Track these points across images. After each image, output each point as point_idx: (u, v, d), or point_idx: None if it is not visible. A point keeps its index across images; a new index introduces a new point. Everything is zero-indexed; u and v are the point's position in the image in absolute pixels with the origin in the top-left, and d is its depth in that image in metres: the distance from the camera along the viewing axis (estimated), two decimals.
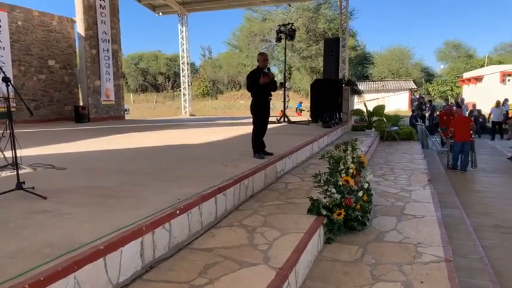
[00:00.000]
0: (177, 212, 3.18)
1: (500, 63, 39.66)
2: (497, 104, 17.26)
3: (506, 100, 20.99)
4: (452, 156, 9.87)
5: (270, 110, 6.28)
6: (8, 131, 4.00)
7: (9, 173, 4.52)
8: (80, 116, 14.80)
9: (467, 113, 17.95)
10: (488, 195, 7.30)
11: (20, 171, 3.85)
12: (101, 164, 5.55)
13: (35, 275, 2.02)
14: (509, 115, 20.04)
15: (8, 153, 4.13)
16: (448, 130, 10.46)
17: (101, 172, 4.88)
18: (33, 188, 3.72)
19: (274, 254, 3.02)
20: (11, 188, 3.61)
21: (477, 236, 4.65)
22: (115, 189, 3.98)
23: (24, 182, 3.69)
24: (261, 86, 5.76)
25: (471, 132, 9.76)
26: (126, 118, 18.52)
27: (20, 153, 4.07)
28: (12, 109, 4.07)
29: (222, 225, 3.74)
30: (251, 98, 5.98)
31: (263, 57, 5.98)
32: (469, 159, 9.58)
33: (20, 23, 13.98)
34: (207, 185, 3.96)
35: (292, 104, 30.16)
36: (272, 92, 6.06)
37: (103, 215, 3.07)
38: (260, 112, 5.98)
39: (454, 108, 14.33)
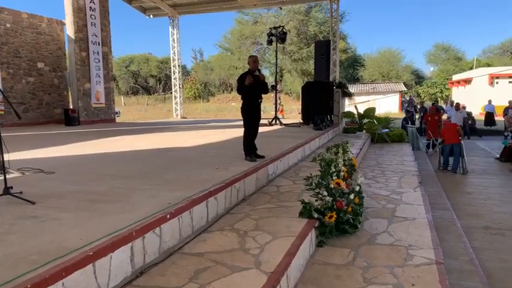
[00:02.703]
0: (168, 216, 3.15)
1: (488, 65, 40.23)
2: (457, 107, 15.92)
3: (489, 101, 21.21)
4: (443, 158, 9.97)
5: (261, 113, 6.28)
6: None
7: None
8: (69, 119, 14.64)
9: (456, 113, 17.91)
10: (478, 196, 7.37)
11: (7, 176, 3.80)
12: (91, 168, 5.50)
13: (22, 282, 1.99)
14: (497, 116, 20.33)
15: None
16: (433, 137, 10.60)
17: (91, 176, 4.83)
18: (21, 192, 3.66)
19: (266, 258, 3.01)
20: None
21: (467, 238, 4.69)
22: (105, 193, 3.94)
23: (11, 187, 3.64)
24: (248, 88, 5.73)
25: (459, 137, 9.84)
26: (117, 121, 18.37)
27: (7, 157, 4.00)
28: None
29: (213, 229, 3.71)
30: (242, 101, 5.97)
31: (252, 59, 6.00)
32: (459, 162, 9.65)
33: (8, 25, 13.82)
34: (198, 189, 3.94)
35: (284, 107, 30.15)
36: (263, 95, 6.06)
37: (92, 220, 3.03)
38: (251, 115, 5.97)
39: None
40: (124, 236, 2.65)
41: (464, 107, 19.43)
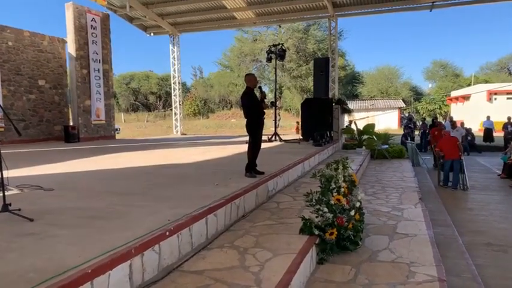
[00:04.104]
0: (167, 233, 3.13)
1: (486, 82, 40.54)
2: (454, 125, 14.89)
3: (488, 117, 21.22)
4: (443, 174, 9.95)
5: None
6: None
7: None
8: (69, 135, 14.67)
9: (453, 131, 17.85)
10: (479, 212, 7.32)
11: (6, 193, 3.78)
12: (90, 185, 5.47)
13: None
14: (496, 132, 20.36)
15: None
16: (435, 150, 10.58)
17: (90, 193, 4.81)
18: (19, 209, 3.64)
19: (266, 276, 2.97)
20: None
21: (470, 255, 4.64)
22: (104, 210, 3.91)
23: (10, 204, 3.62)
24: (258, 105, 5.88)
25: (459, 152, 9.81)
26: (117, 138, 18.40)
27: (6, 174, 3.99)
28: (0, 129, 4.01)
29: (213, 246, 3.68)
30: (246, 118, 5.97)
31: (253, 77, 6.13)
32: (459, 178, 9.61)
33: (10, 43, 13.97)
34: (198, 205, 3.91)
35: (283, 123, 30.29)
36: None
37: (91, 237, 3.01)
38: (258, 130, 6.02)
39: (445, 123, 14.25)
40: (123, 254, 2.62)
41: (462, 123, 19.26)
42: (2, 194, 3.67)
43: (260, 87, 6.05)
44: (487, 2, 17.45)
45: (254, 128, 5.97)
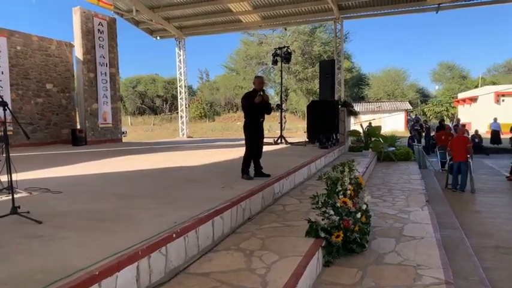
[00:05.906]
0: (174, 235, 3.14)
1: (493, 83, 40.25)
2: (455, 127, 14.34)
3: (495, 119, 21.03)
4: (452, 177, 9.87)
5: (267, 131, 6.34)
6: (4, 155, 3.98)
7: (4, 197, 4.48)
8: (77, 139, 14.77)
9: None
10: (487, 215, 7.26)
11: (15, 196, 3.82)
12: (97, 188, 5.52)
13: None
14: (503, 134, 20.18)
15: (4, 177, 4.10)
16: (446, 150, 10.51)
17: (97, 195, 4.85)
18: (28, 212, 3.68)
19: (272, 279, 2.97)
20: (5, 213, 3.57)
21: (477, 257, 4.60)
22: (111, 212, 3.94)
23: (19, 207, 3.66)
24: (255, 106, 5.85)
25: (468, 155, 9.70)
26: (124, 141, 18.49)
27: (15, 177, 4.04)
28: (8, 133, 4.07)
29: (219, 248, 3.69)
30: (245, 119, 6.05)
31: (259, 80, 6.11)
32: (466, 180, 9.52)
33: (19, 47, 14.12)
34: (204, 208, 3.93)
35: (289, 125, 30.26)
36: (266, 115, 6.14)
37: (98, 239, 3.03)
38: (253, 132, 6.03)
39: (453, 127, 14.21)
40: (130, 256, 2.64)
41: (464, 125, 18.79)
42: (11, 197, 3.71)
43: (263, 91, 6.05)
44: (493, 4, 17.34)
45: (249, 129, 6.02)
